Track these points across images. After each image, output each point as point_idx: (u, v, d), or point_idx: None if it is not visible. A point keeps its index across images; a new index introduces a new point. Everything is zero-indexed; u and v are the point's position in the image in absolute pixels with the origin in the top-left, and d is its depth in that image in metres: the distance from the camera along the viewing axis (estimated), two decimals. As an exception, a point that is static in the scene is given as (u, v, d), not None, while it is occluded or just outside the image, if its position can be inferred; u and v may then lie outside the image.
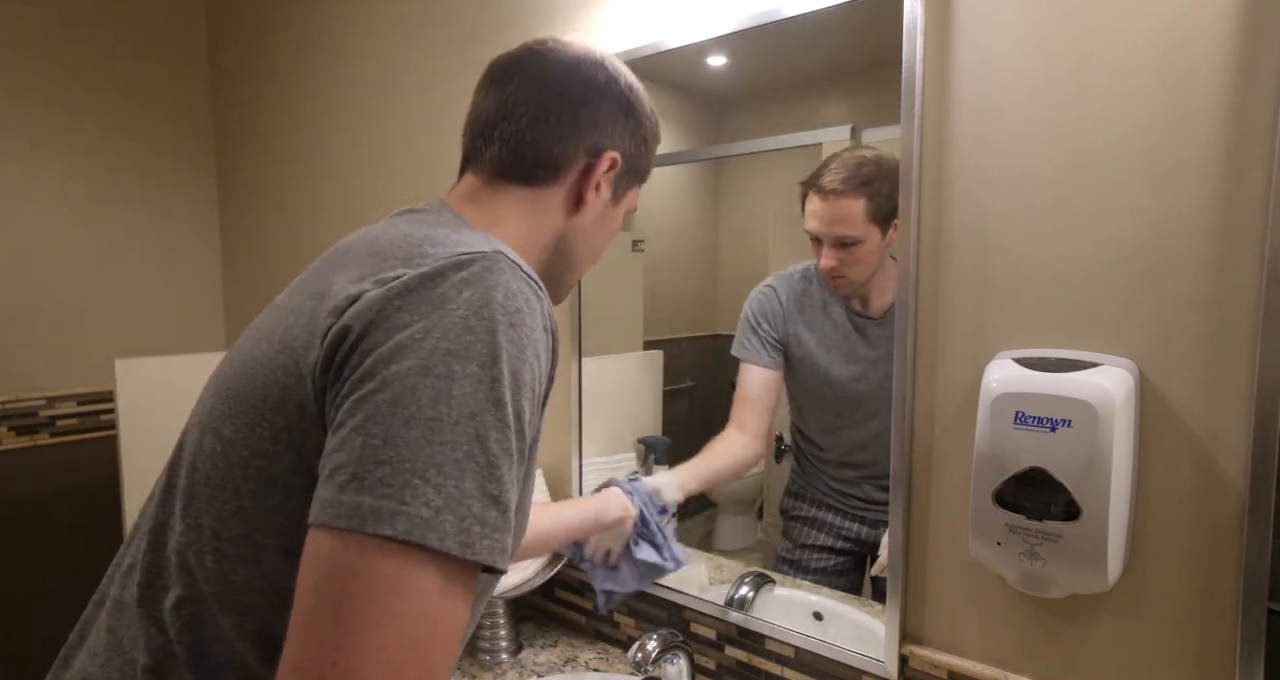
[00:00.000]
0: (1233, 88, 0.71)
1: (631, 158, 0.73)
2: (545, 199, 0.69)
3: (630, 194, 0.77)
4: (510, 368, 0.48)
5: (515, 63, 0.70)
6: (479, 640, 1.23)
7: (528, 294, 0.52)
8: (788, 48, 1.04)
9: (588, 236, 0.74)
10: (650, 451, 1.31)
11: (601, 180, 0.71)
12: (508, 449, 0.48)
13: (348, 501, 0.44)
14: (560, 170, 0.69)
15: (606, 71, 0.70)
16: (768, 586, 1.12)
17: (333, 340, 0.50)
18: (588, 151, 0.69)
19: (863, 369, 1.06)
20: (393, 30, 1.60)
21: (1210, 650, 0.76)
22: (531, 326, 0.51)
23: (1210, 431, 0.75)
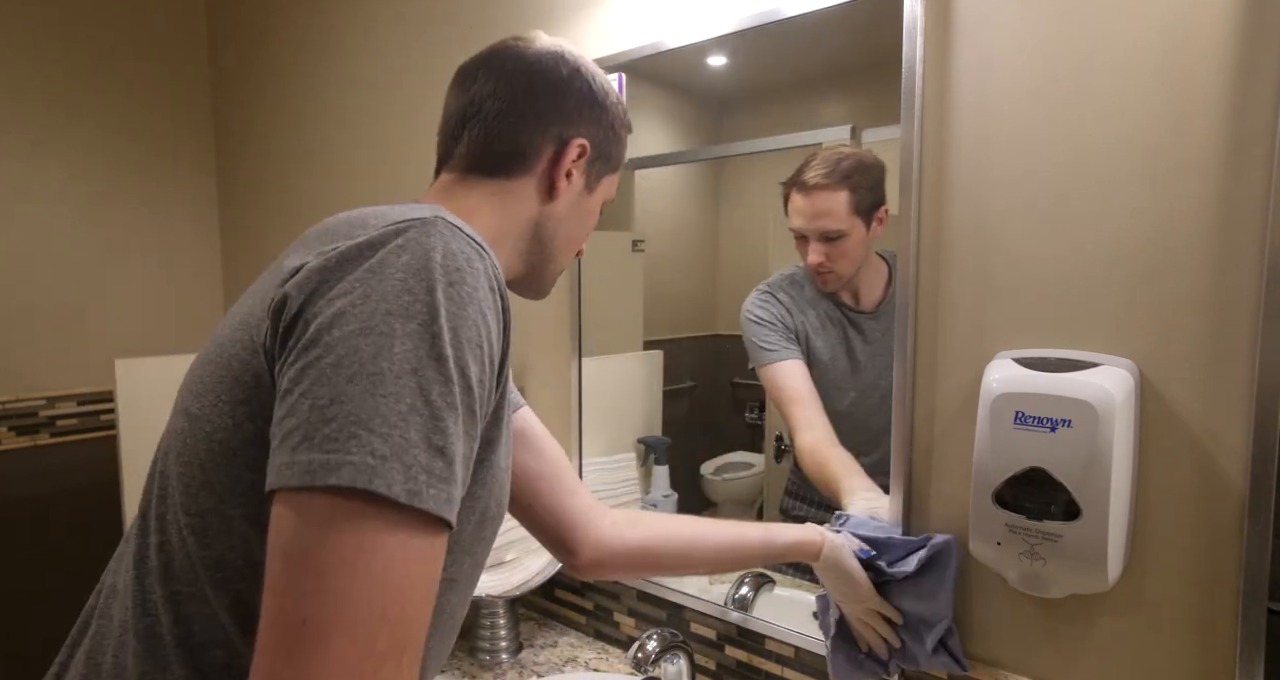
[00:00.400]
0: (1233, 88, 0.71)
1: (601, 144, 0.74)
2: (517, 189, 0.70)
3: (605, 182, 0.78)
4: (450, 325, 0.49)
5: (480, 62, 0.72)
6: (479, 640, 1.23)
7: (468, 253, 0.52)
8: (788, 48, 1.04)
9: (564, 224, 0.74)
10: (650, 451, 1.31)
11: (573, 168, 0.72)
12: (451, 402, 0.48)
13: (299, 461, 0.45)
14: (529, 160, 0.70)
15: (568, 64, 0.72)
16: (768, 586, 1.12)
17: (275, 310, 0.51)
18: (555, 140, 0.71)
19: (861, 363, 1.06)
20: (393, 30, 1.60)
21: (1210, 650, 0.76)
22: (474, 285, 0.51)
23: (1210, 431, 0.75)
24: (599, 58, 1.21)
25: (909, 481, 0.93)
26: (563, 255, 0.77)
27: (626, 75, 1.19)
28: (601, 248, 1.19)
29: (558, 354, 1.34)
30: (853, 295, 1.07)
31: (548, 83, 0.71)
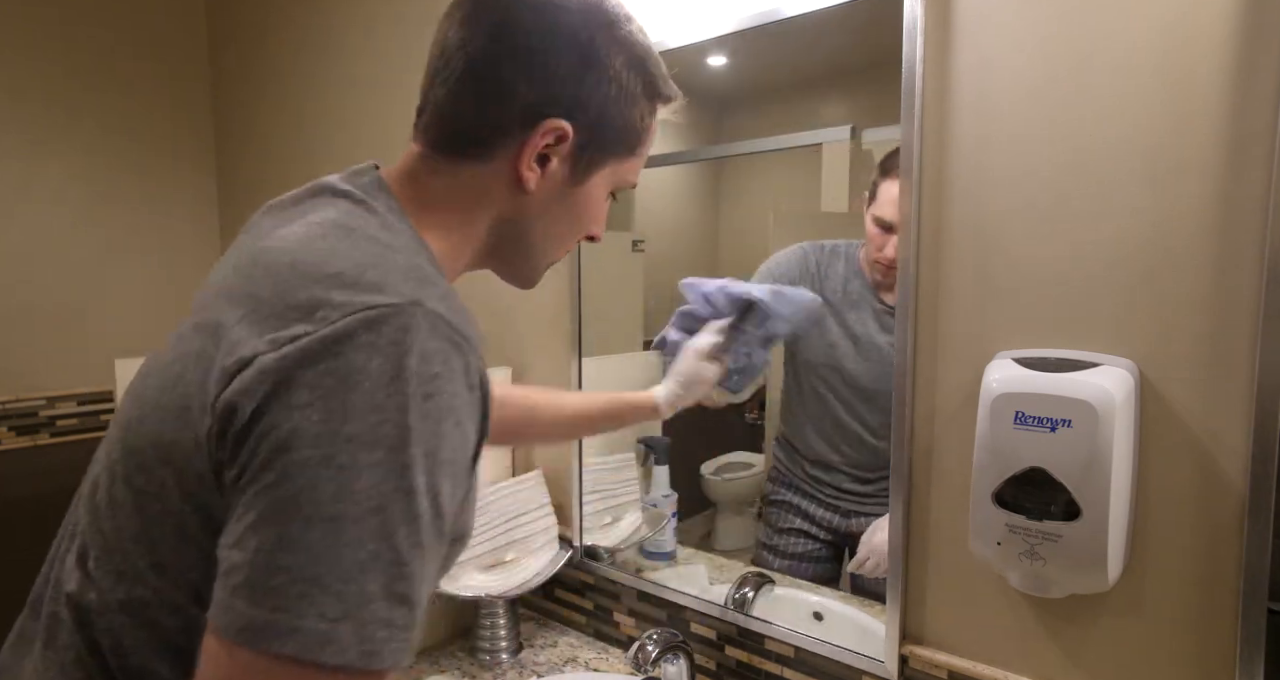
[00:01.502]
0: (1233, 88, 0.71)
1: (596, 126, 0.60)
2: (483, 178, 0.60)
3: (606, 172, 0.64)
4: (425, 448, 0.44)
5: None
6: (479, 640, 1.23)
7: (447, 353, 0.47)
8: (788, 48, 1.04)
9: (543, 222, 0.63)
10: (650, 451, 1.31)
11: (551, 154, 0.60)
12: (418, 542, 0.44)
13: (240, 611, 0.41)
14: (490, 143, 0.59)
15: (575, 15, 0.58)
16: (768, 586, 1.12)
17: (223, 415, 0.45)
18: (523, 119, 0.58)
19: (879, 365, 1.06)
20: (393, 30, 1.60)
21: (1210, 650, 0.76)
22: (452, 393, 0.46)
23: (1210, 431, 0.75)
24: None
25: (909, 481, 0.93)
26: (547, 254, 0.68)
27: (626, 75, 1.18)
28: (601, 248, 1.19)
29: (558, 354, 1.34)
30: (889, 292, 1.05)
31: (534, 40, 0.57)
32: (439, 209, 0.60)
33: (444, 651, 1.27)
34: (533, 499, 1.30)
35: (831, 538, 1.14)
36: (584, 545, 1.31)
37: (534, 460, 1.40)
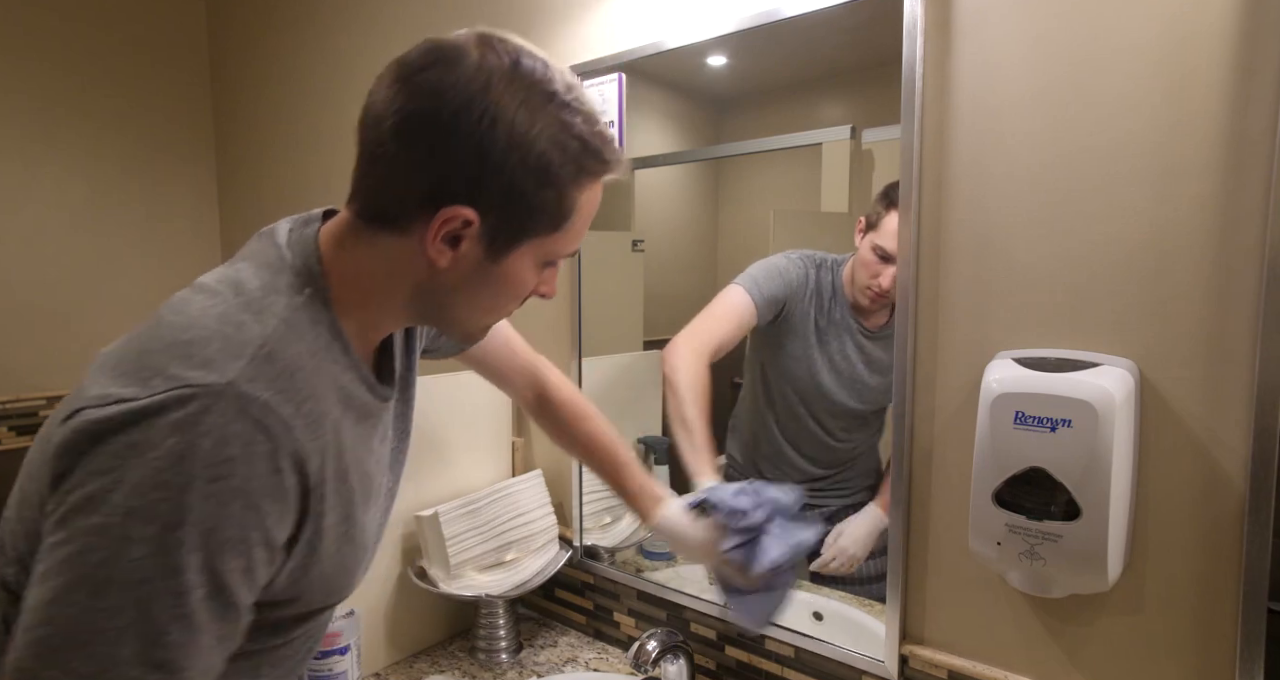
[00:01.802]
0: (1233, 88, 0.71)
1: (507, 210, 0.58)
2: (399, 249, 0.60)
3: (528, 247, 0.61)
4: (203, 528, 0.47)
5: (405, 64, 0.58)
6: (479, 640, 1.23)
7: (250, 437, 0.49)
8: (788, 48, 1.04)
9: (463, 295, 0.63)
10: (650, 451, 1.31)
11: (461, 235, 0.58)
12: (183, 614, 0.47)
13: (18, 652, 0.46)
14: (401, 221, 0.59)
15: (485, 104, 0.55)
16: (768, 586, 1.12)
17: (51, 468, 0.49)
18: (423, 204, 0.57)
19: (852, 386, 1.09)
20: (393, 30, 1.60)
21: (1210, 650, 0.76)
22: (247, 476, 0.49)
23: (1210, 431, 0.75)
24: (599, 58, 1.21)
25: (909, 481, 0.93)
26: (476, 321, 0.68)
27: (626, 75, 1.19)
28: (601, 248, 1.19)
29: (558, 354, 1.34)
30: (868, 316, 1.08)
31: (436, 127, 0.55)
32: (362, 274, 0.61)
33: (444, 651, 1.27)
34: (533, 499, 1.30)
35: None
36: (584, 545, 1.31)
37: (534, 460, 1.40)
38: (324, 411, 0.56)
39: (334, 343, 0.60)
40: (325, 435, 0.56)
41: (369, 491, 0.66)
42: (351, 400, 0.61)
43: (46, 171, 1.87)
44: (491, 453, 1.36)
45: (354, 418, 0.62)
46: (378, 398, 0.65)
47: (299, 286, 0.59)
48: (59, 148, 1.88)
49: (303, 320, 0.57)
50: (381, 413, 0.67)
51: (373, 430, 0.66)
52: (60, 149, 1.88)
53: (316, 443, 0.54)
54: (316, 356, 0.57)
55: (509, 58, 0.57)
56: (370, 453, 0.66)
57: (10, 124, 1.81)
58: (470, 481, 1.31)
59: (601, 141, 0.61)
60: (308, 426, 0.53)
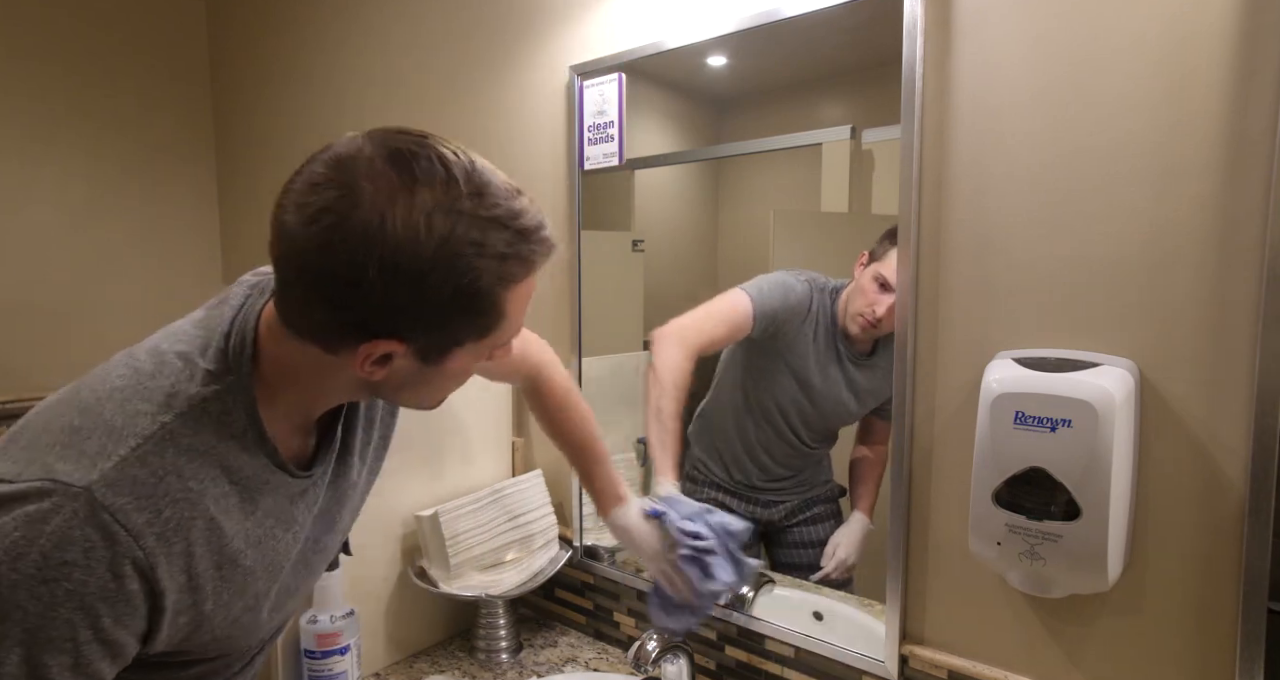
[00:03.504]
0: (1233, 88, 0.71)
1: (432, 332, 0.57)
2: (332, 361, 0.59)
3: (463, 351, 0.60)
4: (26, 626, 0.48)
5: (300, 205, 0.53)
6: (478, 640, 1.23)
7: (92, 543, 0.50)
8: (788, 48, 1.04)
9: (408, 390, 0.64)
10: (650, 451, 1.31)
11: (393, 355, 0.57)
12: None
13: None
14: (326, 345, 0.58)
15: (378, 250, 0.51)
16: (768, 586, 1.12)
17: None
18: (344, 338, 0.56)
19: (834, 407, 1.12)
20: (393, 29, 1.60)
21: (1210, 650, 0.76)
22: (83, 580, 0.50)
23: (1210, 431, 0.75)
24: (599, 58, 1.21)
25: (909, 481, 0.93)
26: (430, 402, 0.68)
27: (626, 75, 1.19)
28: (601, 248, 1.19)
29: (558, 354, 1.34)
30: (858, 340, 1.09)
31: (340, 279, 0.52)
32: (299, 367, 0.61)
33: (444, 651, 1.27)
34: (533, 499, 1.30)
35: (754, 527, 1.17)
36: (584, 545, 1.31)
37: (534, 460, 1.40)
38: (192, 517, 0.56)
39: (248, 431, 0.60)
40: (191, 537, 0.56)
41: (277, 562, 0.66)
42: (259, 484, 0.62)
43: (46, 171, 1.87)
44: (491, 453, 1.36)
45: (258, 502, 0.62)
46: (298, 478, 0.66)
47: (221, 372, 0.59)
48: (59, 148, 1.88)
49: (210, 412, 0.58)
50: (306, 487, 0.68)
51: (291, 503, 0.67)
52: (60, 149, 1.88)
53: (173, 547, 0.55)
54: (212, 450, 0.58)
55: (403, 177, 0.52)
56: (287, 526, 0.67)
57: (10, 124, 1.81)
58: (470, 481, 1.31)
59: (523, 240, 0.57)
60: (163, 534, 0.54)
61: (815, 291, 1.11)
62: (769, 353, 1.14)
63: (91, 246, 1.94)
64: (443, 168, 0.54)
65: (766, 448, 1.17)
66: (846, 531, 1.11)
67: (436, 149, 0.54)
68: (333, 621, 1.05)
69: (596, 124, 1.23)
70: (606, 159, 1.22)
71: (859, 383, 1.09)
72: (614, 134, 1.21)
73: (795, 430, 1.15)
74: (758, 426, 1.17)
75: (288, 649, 1.08)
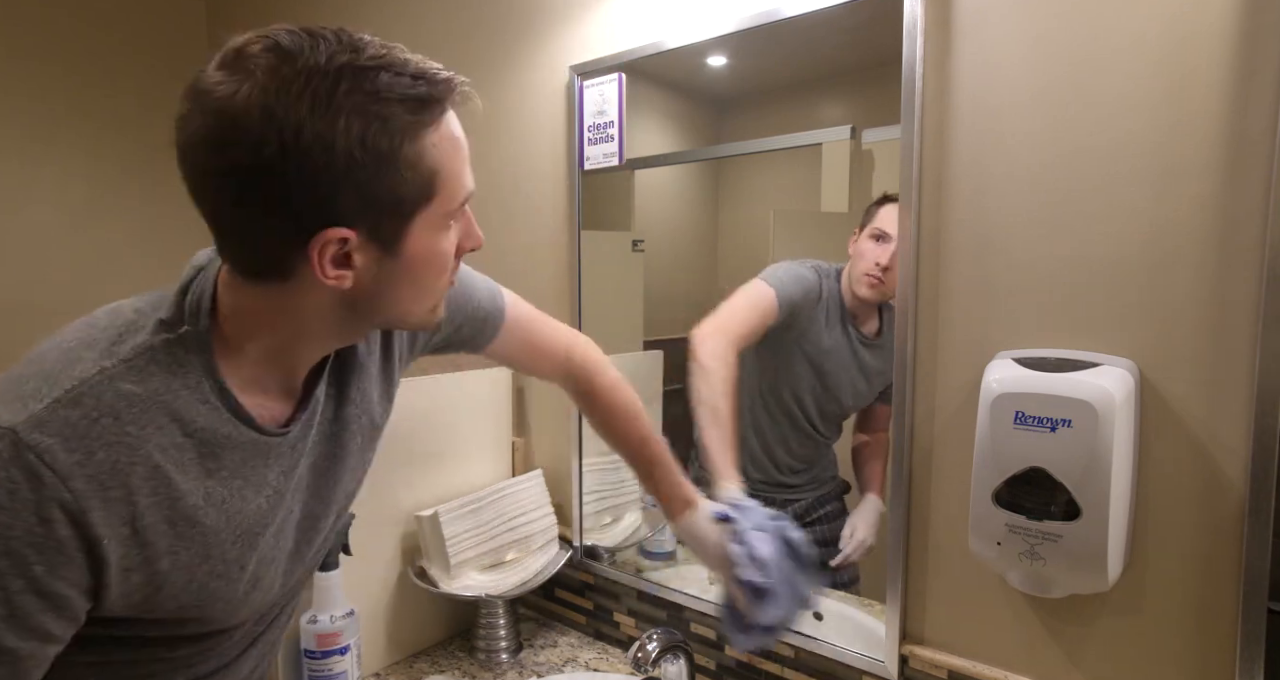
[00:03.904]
0: (1233, 88, 0.71)
1: (374, 208, 0.54)
2: (294, 292, 0.57)
3: (420, 224, 0.57)
4: None
5: (185, 131, 0.52)
6: (478, 640, 1.23)
7: (16, 482, 0.49)
8: (788, 48, 1.04)
9: (387, 296, 0.60)
10: (650, 451, 1.31)
11: (350, 251, 0.55)
12: None
13: None
14: (281, 269, 0.55)
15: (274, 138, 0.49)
16: (768, 586, 1.12)
17: None
18: (291, 244, 0.54)
19: (854, 393, 1.13)
20: (392, 28, 1.60)
21: (1210, 650, 0.76)
22: (7, 524, 0.49)
23: (1210, 431, 0.75)
24: (599, 58, 1.21)
25: (909, 481, 0.93)
26: (418, 307, 0.63)
27: (626, 75, 1.19)
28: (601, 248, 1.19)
29: (558, 354, 1.34)
30: (864, 322, 1.11)
31: (252, 180, 0.51)
32: (260, 312, 0.59)
33: (444, 651, 1.27)
34: (533, 499, 1.30)
35: None
36: (584, 545, 1.31)
37: (534, 460, 1.40)
38: (131, 462, 0.54)
39: (204, 382, 0.58)
40: (131, 483, 0.54)
41: (248, 527, 0.63)
42: (219, 438, 0.59)
43: (46, 171, 1.87)
44: (491, 453, 1.36)
45: (222, 458, 0.60)
46: (269, 436, 0.63)
47: (175, 322, 0.58)
48: (59, 148, 1.88)
49: (160, 361, 0.56)
50: (276, 448, 0.64)
51: (264, 465, 0.63)
52: (60, 149, 1.88)
53: (109, 492, 0.52)
54: (158, 398, 0.56)
55: (275, 54, 0.52)
56: (258, 488, 0.63)
57: (10, 124, 1.81)
58: (470, 481, 1.31)
59: (420, 80, 0.54)
60: (95, 477, 0.52)
61: (822, 277, 1.13)
62: (783, 344, 1.14)
63: (91, 246, 1.94)
64: (308, 35, 0.53)
65: (783, 441, 1.18)
66: (862, 513, 1.11)
67: (300, 27, 0.54)
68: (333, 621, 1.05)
69: (596, 124, 1.23)
70: (606, 159, 1.22)
71: (869, 364, 1.10)
72: (614, 134, 1.21)
73: (811, 419, 1.15)
74: (774, 420, 1.18)
75: (288, 649, 1.08)
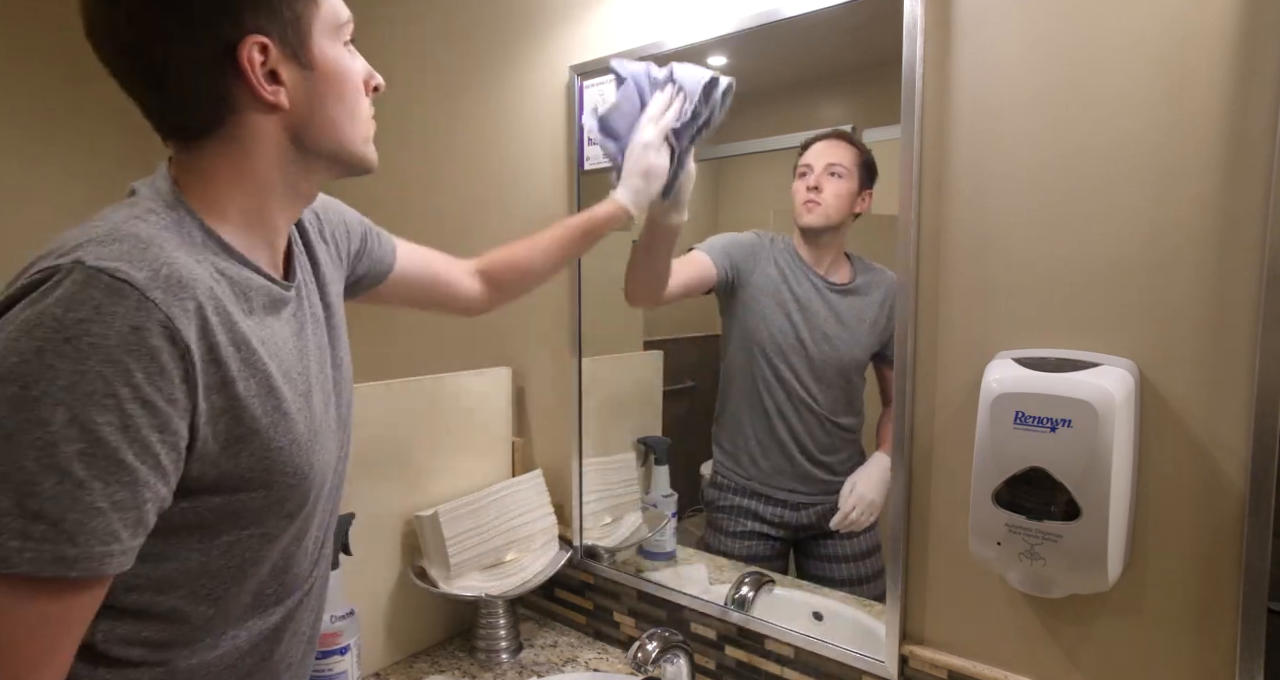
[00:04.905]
0: (1233, 88, 0.71)
1: (269, 9, 0.59)
2: (236, 136, 0.62)
3: (317, 28, 0.63)
4: (61, 383, 0.49)
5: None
6: (479, 640, 1.23)
7: (100, 299, 0.51)
8: (788, 48, 1.04)
9: (316, 118, 0.64)
10: (650, 451, 1.31)
11: (273, 67, 0.60)
12: (54, 465, 0.49)
13: None
14: (220, 113, 0.61)
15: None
16: (768, 586, 1.12)
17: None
18: (217, 70, 0.59)
19: (826, 336, 1.13)
20: (391, 27, 1.60)
21: (1210, 650, 0.76)
22: (102, 334, 0.51)
23: (1210, 431, 0.75)
24: (599, 58, 1.21)
25: (909, 481, 0.93)
26: (350, 138, 0.68)
27: (626, 75, 1.18)
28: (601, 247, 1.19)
29: (558, 354, 1.34)
30: (827, 271, 1.14)
31: (154, 20, 0.57)
32: (223, 179, 0.63)
33: (444, 651, 1.27)
34: (533, 499, 1.30)
35: (783, 534, 1.18)
36: (584, 545, 1.31)
37: (534, 460, 1.40)
38: (192, 279, 0.56)
39: (209, 241, 0.62)
40: (198, 295, 0.56)
41: (292, 373, 0.66)
42: (240, 284, 0.63)
43: (46, 171, 1.87)
44: (491, 453, 1.36)
45: (251, 302, 0.63)
46: (277, 284, 0.67)
47: (163, 210, 0.61)
48: (59, 148, 1.88)
49: (168, 221, 0.60)
50: (289, 301, 0.69)
51: (278, 317, 0.67)
52: (60, 149, 1.88)
53: (184, 303, 0.55)
54: (183, 245, 0.59)
55: None
56: (284, 339, 0.67)
57: (10, 124, 1.81)
58: (470, 481, 1.31)
59: None
60: (168, 288, 0.54)
61: (763, 237, 1.19)
62: (749, 307, 1.18)
63: (91, 246, 1.94)
64: None
65: (783, 415, 1.16)
66: (867, 470, 1.09)
67: None
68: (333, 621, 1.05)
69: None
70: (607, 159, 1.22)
71: (844, 312, 1.11)
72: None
73: (805, 385, 1.14)
74: (769, 391, 1.17)
75: (288, 649, 1.08)
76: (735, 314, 1.19)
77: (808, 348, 1.13)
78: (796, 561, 1.18)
